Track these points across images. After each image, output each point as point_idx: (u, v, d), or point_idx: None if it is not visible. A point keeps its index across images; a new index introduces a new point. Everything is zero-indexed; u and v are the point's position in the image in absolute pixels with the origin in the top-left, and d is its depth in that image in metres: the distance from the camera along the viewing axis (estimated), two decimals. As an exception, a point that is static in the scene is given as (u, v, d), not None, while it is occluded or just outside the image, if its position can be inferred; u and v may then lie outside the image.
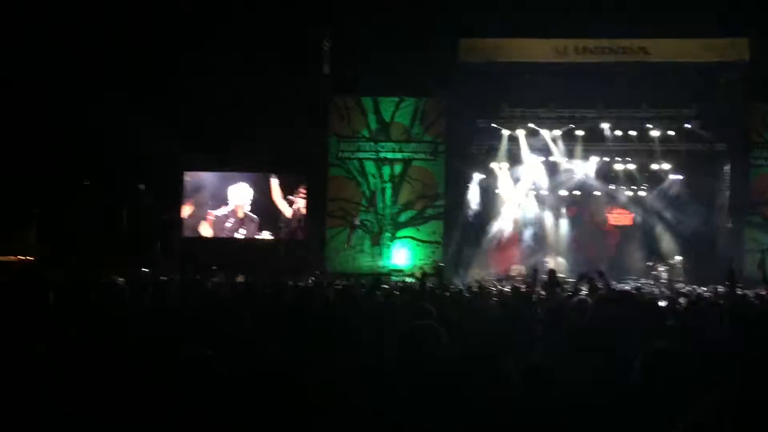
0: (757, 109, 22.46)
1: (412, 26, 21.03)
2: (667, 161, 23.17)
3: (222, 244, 22.62)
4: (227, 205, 23.17)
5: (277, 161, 22.79)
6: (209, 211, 23.16)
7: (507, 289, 13.50)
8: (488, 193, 23.72)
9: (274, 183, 23.14)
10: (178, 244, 21.61)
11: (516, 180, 23.85)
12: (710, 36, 21.40)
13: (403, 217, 23.02)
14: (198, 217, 23.17)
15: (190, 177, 23.36)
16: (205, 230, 23.11)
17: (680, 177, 23.22)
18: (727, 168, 22.57)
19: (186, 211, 23.16)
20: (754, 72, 20.99)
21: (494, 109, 22.84)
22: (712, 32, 21.18)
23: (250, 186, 23.24)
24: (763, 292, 15.27)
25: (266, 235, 22.96)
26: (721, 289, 16.61)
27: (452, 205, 22.80)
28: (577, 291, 10.42)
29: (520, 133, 23.02)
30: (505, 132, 23.09)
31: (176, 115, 20.65)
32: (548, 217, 24.22)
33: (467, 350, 4.09)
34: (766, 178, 22.43)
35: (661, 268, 21.78)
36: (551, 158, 23.40)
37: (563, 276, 17.22)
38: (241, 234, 23.02)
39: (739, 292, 14.99)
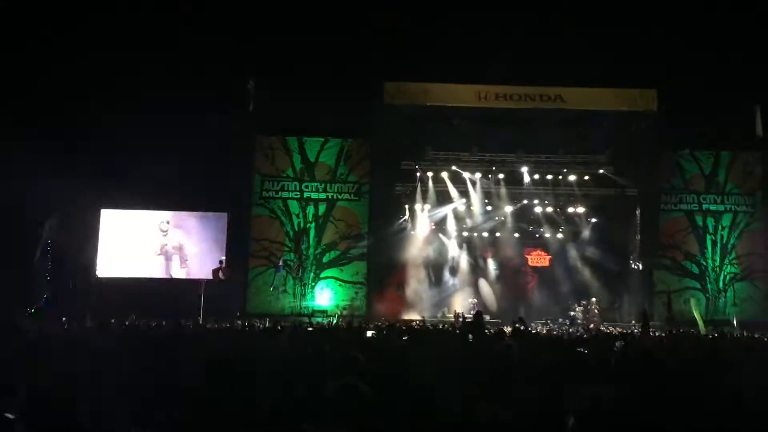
0: (666, 157, 23.53)
1: (338, 68, 21.31)
2: (583, 205, 24.03)
3: (139, 285, 21.96)
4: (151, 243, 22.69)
5: (201, 200, 22.47)
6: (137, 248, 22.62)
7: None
8: (410, 235, 24.00)
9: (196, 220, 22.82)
10: (93, 285, 20.92)
11: (437, 221, 24.24)
12: (622, 86, 22.44)
13: (326, 258, 22.99)
14: (115, 256, 22.52)
15: (109, 215, 22.74)
16: (123, 270, 22.44)
17: (595, 220, 24.08)
18: (638, 212, 23.53)
19: (102, 250, 22.48)
20: (663, 122, 22.05)
21: (418, 152, 23.25)
22: (624, 83, 22.24)
23: (174, 225, 22.85)
24: (671, 331, 16.06)
25: (185, 273, 22.51)
26: (635, 329, 17.31)
27: (375, 246, 22.89)
28: (501, 334, 10.69)
29: (444, 176, 23.49)
30: (428, 174, 23.52)
31: (97, 153, 20.15)
32: (468, 259, 24.62)
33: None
34: (675, 222, 23.45)
35: (578, 309, 22.41)
36: (472, 201, 23.92)
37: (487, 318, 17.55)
38: (162, 270, 22.53)
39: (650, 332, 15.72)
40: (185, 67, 20.79)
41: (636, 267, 23.21)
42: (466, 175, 23.60)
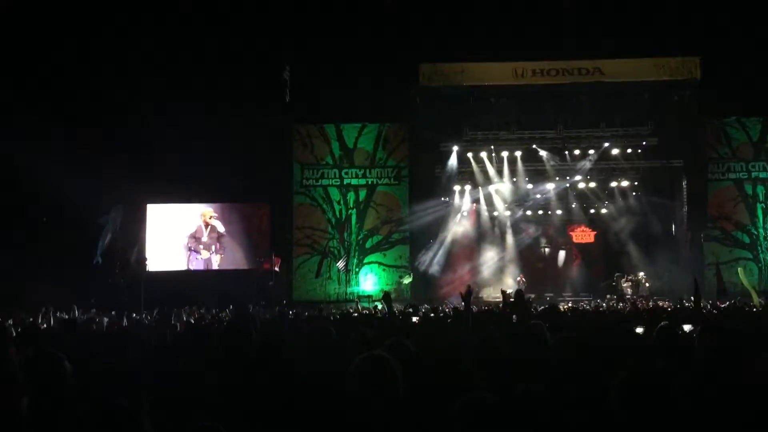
0: (711, 125, 22.97)
1: (374, 53, 21.22)
2: (627, 179, 23.57)
3: (187, 276, 22.35)
4: (194, 234, 23.07)
5: (242, 190, 22.71)
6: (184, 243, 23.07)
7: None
8: (453, 216, 23.90)
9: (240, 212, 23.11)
10: (143, 280, 21.30)
11: (479, 202, 24.08)
12: (662, 55, 21.91)
13: (369, 243, 23.05)
14: (162, 249, 22.94)
15: (155, 210, 23.17)
16: (168, 264, 22.88)
17: (640, 193, 23.62)
18: (684, 183, 23.04)
19: (150, 244, 22.89)
20: (707, 89, 21.49)
21: (456, 133, 23.06)
22: (664, 52, 21.72)
23: (217, 217, 23.19)
24: (722, 304, 15.69)
25: (234, 264, 22.83)
26: (686, 303, 16.94)
27: (417, 229, 22.84)
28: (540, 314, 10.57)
29: (483, 156, 23.29)
30: (468, 155, 23.35)
31: (139, 149, 20.46)
32: (511, 239, 24.42)
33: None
34: (723, 192, 22.91)
35: (625, 284, 22.08)
36: (513, 179, 23.68)
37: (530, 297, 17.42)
38: (205, 259, 22.89)
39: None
40: (224, 61, 20.97)
41: (684, 240, 22.73)
42: (506, 153, 23.35)
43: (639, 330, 8.50)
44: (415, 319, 12.72)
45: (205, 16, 20.68)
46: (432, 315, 11.88)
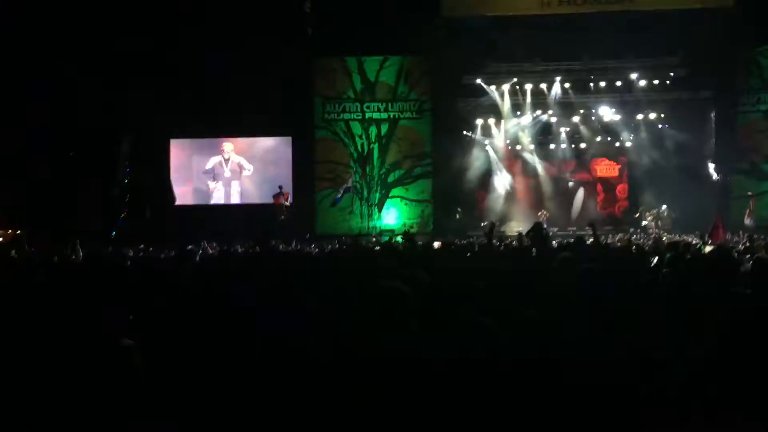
0: (743, 55, 22.33)
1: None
2: (654, 111, 23.17)
3: (208, 210, 22.66)
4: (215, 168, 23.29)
5: (263, 125, 22.71)
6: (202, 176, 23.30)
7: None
8: (477, 150, 23.76)
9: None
10: (169, 214, 21.55)
11: (503, 135, 23.88)
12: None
13: (391, 178, 23.02)
14: (184, 183, 23.21)
15: (177, 144, 23.33)
16: (191, 198, 23.22)
17: (667, 126, 23.22)
18: (713, 115, 22.56)
19: (175, 179, 23.10)
20: (738, 17, 20.80)
21: (479, 65, 22.70)
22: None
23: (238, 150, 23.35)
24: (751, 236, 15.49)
25: (256, 198, 23.03)
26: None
27: (440, 163, 22.74)
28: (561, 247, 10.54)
29: (506, 88, 22.97)
30: (491, 87, 23.03)
31: (159, 84, 20.43)
32: (536, 173, 24.27)
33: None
34: (754, 124, 22.42)
35: (649, 218, 21.91)
36: (537, 112, 23.42)
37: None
38: (226, 192, 23.11)
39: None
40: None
41: (711, 172, 22.37)
42: (530, 85, 23.00)
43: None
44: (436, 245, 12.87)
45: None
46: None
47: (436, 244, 13.79)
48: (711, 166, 22.36)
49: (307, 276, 6.15)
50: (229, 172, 23.29)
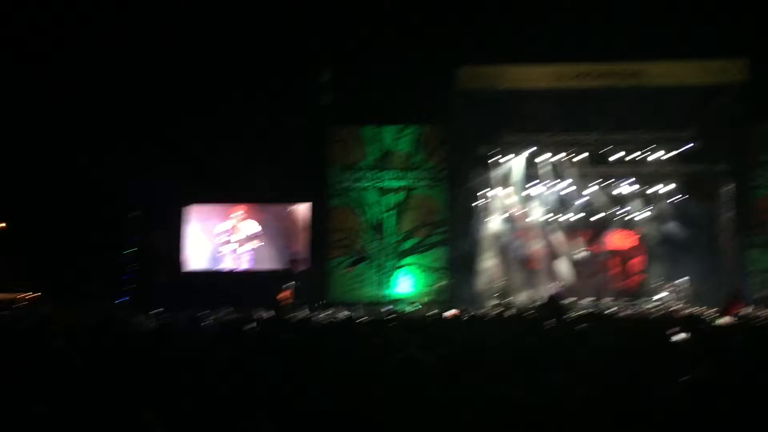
0: (756, 131, 22.48)
1: (412, 54, 21.18)
2: (668, 183, 23.22)
3: (221, 277, 22.69)
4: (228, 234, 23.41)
5: (279, 193, 22.92)
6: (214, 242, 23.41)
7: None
8: (492, 219, 23.81)
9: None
10: (180, 280, 21.65)
11: (519, 205, 23.93)
12: (707, 58, 21.49)
13: (406, 245, 23.03)
14: (197, 250, 23.35)
15: (192, 210, 23.55)
16: (205, 264, 23.31)
17: (682, 198, 23.23)
18: (727, 189, 22.57)
19: (188, 244, 23.25)
20: (752, 93, 21.02)
21: (495, 136, 22.92)
22: (708, 54, 21.28)
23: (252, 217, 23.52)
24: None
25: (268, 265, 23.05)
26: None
27: (456, 233, 22.75)
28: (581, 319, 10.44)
29: (522, 159, 23.14)
30: (507, 157, 23.21)
31: (177, 150, 20.76)
32: (552, 242, 24.20)
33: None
34: (767, 199, 22.43)
35: (666, 291, 21.73)
36: (554, 184, 23.51)
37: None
38: (238, 259, 23.14)
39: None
40: (261, 62, 21.12)
41: (726, 246, 22.26)
42: (545, 157, 23.17)
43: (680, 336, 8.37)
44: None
45: (245, 14, 20.84)
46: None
47: (448, 313, 13.74)
48: (726, 240, 22.25)
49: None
50: (242, 237, 23.41)
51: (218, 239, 23.50)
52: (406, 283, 22.81)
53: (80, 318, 10.97)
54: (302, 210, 23.50)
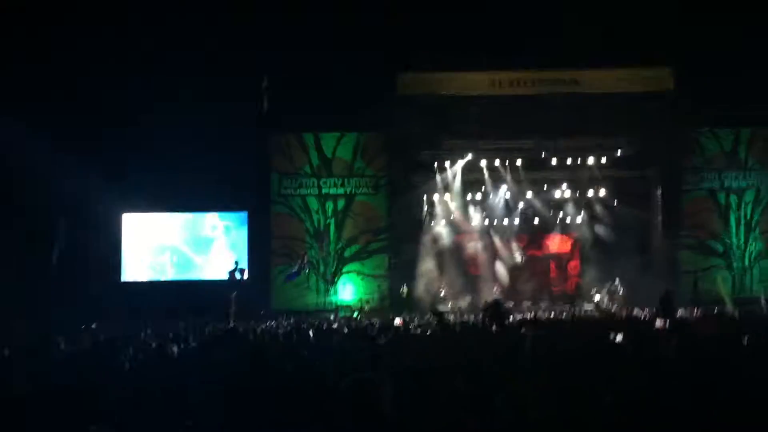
0: (685, 136, 23.25)
1: (351, 62, 21.22)
2: (603, 188, 23.82)
3: (162, 287, 22.26)
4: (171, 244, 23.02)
5: (219, 200, 22.65)
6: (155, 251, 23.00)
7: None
8: (431, 225, 24.00)
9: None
10: (118, 290, 21.17)
11: (458, 211, 24.18)
12: (635, 66, 22.18)
13: (347, 253, 23.02)
14: (137, 259, 22.88)
15: (130, 219, 23.05)
16: (145, 273, 22.85)
17: (615, 203, 23.87)
18: (658, 193, 23.27)
19: (125, 254, 22.77)
20: (681, 100, 21.78)
21: (435, 142, 23.13)
22: (638, 62, 21.99)
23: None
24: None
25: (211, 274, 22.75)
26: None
27: (397, 239, 22.85)
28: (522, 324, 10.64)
29: (460, 165, 23.41)
30: (446, 164, 23.45)
31: (114, 159, 20.34)
32: (490, 247, 24.54)
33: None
34: (697, 201, 23.20)
35: (602, 293, 22.26)
36: (491, 188, 23.85)
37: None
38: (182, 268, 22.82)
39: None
40: (199, 69, 20.88)
41: (659, 248, 22.97)
42: (484, 162, 23.51)
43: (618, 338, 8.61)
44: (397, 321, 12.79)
45: (181, 25, 20.54)
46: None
47: (397, 321, 13.80)
48: (658, 242, 22.95)
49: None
50: (185, 246, 23.06)
51: (162, 249, 23.03)
52: (348, 290, 22.80)
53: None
54: (244, 219, 23.26)
